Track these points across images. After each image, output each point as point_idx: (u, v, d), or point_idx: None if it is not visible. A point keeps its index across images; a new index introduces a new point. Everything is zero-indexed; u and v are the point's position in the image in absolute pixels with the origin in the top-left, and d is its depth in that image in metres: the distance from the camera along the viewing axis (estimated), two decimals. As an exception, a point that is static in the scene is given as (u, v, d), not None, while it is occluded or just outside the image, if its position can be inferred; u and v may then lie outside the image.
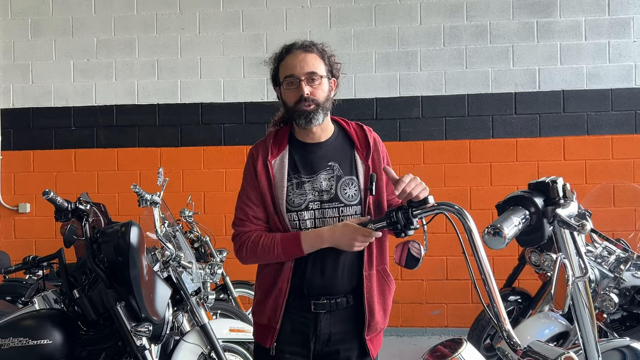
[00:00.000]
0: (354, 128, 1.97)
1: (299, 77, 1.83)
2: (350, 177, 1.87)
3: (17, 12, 5.02)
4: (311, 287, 1.84)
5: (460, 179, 4.74)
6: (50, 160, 4.98)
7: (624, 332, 2.64)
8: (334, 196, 1.84)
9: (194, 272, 2.88)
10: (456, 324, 4.75)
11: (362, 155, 1.90)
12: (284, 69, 1.87)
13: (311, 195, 1.84)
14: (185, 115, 4.93)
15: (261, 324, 1.92)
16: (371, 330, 1.87)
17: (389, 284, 1.93)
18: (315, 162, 1.88)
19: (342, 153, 1.91)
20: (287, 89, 1.86)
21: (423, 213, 1.63)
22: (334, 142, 1.93)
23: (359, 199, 1.85)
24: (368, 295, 1.85)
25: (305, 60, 1.84)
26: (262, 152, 1.91)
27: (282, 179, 1.85)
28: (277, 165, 1.88)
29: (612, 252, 2.68)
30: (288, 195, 1.84)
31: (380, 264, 1.91)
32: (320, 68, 1.86)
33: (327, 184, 1.85)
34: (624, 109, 4.71)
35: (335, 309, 1.84)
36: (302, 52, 1.86)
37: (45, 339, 1.85)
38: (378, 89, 4.83)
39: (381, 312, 1.89)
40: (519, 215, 1.21)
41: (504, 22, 4.79)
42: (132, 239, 1.91)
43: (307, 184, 1.85)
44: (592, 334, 1.25)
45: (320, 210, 1.84)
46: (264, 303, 1.89)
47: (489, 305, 1.33)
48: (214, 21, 4.92)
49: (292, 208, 1.83)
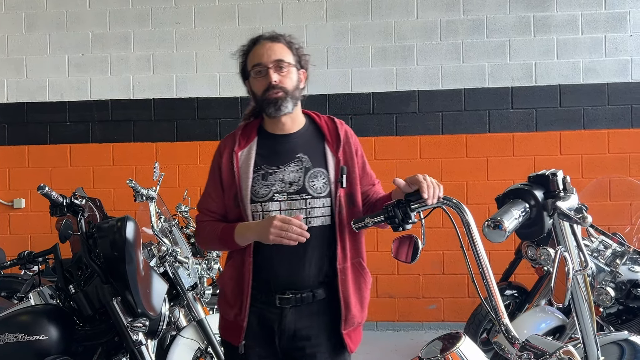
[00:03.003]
0: (325, 121, 1.96)
1: (267, 65, 1.82)
2: (319, 169, 1.85)
3: (11, 6, 4.98)
4: (277, 281, 1.82)
5: (456, 173, 4.74)
6: (45, 156, 4.95)
7: (620, 325, 2.65)
8: (302, 188, 1.82)
9: (191, 267, 2.87)
10: (453, 319, 4.76)
11: (332, 147, 1.88)
12: (252, 59, 1.88)
13: (277, 187, 1.82)
14: (181, 110, 4.91)
15: (228, 319, 1.90)
16: (348, 324, 1.84)
17: (365, 277, 1.90)
18: (284, 154, 1.87)
19: (311, 145, 1.89)
20: (255, 77, 1.86)
21: (421, 207, 1.63)
22: (303, 134, 1.92)
23: (328, 191, 1.83)
24: (343, 289, 1.82)
25: (272, 49, 1.85)
26: (230, 144, 1.91)
27: (248, 170, 1.84)
28: (243, 156, 1.87)
29: (609, 246, 2.69)
30: (253, 186, 1.83)
31: (356, 257, 1.88)
32: (288, 57, 1.86)
33: (295, 175, 1.83)
34: (620, 103, 4.71)
35: (300, 303, 1.82)
36: (269, 41, 1.87)
37: (41, 335, 1.83)
38: (374, 83, 4.82)
39: (358, 305, 1.86)
40: (518, 208, 1.21)
41: (501, 16, 4.79)
42: (128, 234, 1.90)
43: (274, 175, 1.84)
44: (592, 327, 1.25)
45: (287, 201, 1.82)
46: (229, 299, 1.88)
47: (487, 299, 1.33)
48: (209, 15, 4.89)
49: (257, 199, 1.82)
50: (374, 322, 4.82)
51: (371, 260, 5.05)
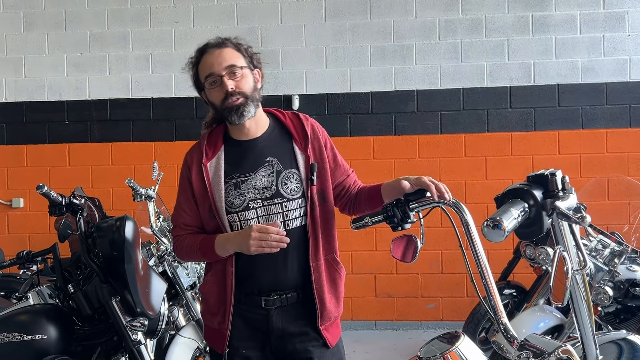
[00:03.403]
0: (290, 118, 1.93)
1: (220, 74, 1.79)
2: (290, 171, 1.83)
3: (9, 5, 4.97)
4: (261, 284, 1.81)
5: (455, 173, 4.74)
6: (43, 155, 4.94)
7: (618, 324, 2.66)
8: (276, 192, 1.80)
9: (189, 267, 2.88)
10: (451, 318, 4.76)
11: (300, 146, 1.86)
12: (203, 69, 1.85)
13: (251, 194, 1.80)
14: (180, 110, 4.90)
15: (212, 327, 1.89)
16: (324, 319, 1.83)
17: (339, 271, 1.90)
18: (253, 160, 1.84)
19: (279, 146, 1.86)
20: (210, 88, 1.83)
21: (420, 206, 1.63)
22: (270, 136, 1.89)
23: (302, 191, 1.82)
24: (317, 286, 1.81)
25: (221, 56, 1.82)
26: (197, 156, 1.88)
27: (219, 181, 1.81)
28: (212, 167, 1.84)
29: (607, 246, 2.70)
30: (227, 197, 1.80)
31: (329, 253, 1.87)
32: (239, 60, 1.84)
33: (267, 180, 1.81)
34: (618, 102, 4.72)
35: (286, 303, 1.81)
36: (217, 48, 1.84)
37: (40, 334, 1.83)
38: (373, 83, 4.82)
39: (333, 300, 1.85)
40: (518, 207, 1.21)
41: (499, 15, 4.79)
42: (127, 233, 1.90)
43: (246, 182, 1.81)
44: (590, 326, 1.25)
45: (263, 207, 1.80)
46: (212, 308, 1.87)
47: (486, 298, 1.33)
48: (208, 14, 4.89)
49: (232, 209, 1.80)
50: (372, 321, 4.82)
51: (370, 259, 5.09)
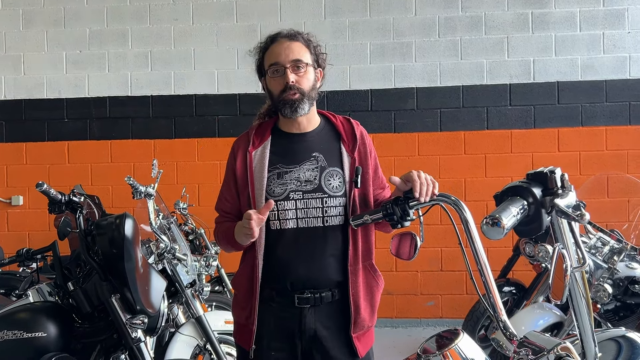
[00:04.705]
0: (341, 121, 1.94)
1: (284, 65, 1.80)
2: (334, 169, 1.83)
3: (8, 2, 4.96)
4: (295, 281, 1.79)
5: (454, 170, 4.74)
6: (43, 153, 4.94)
7: (618, 322, 2.66)
8: (318, 186, 1.80)
9: (189, 265, 2.87)
10: (451, 315, 4.76)
11: (348, 147, 1.86)
12: (269, 57, 1.85)
13: (293, 185, 1.80)
14: (179, 107, 4.90)
15: (240, 322, 1.89)
16: (357, 327, 1.81)
17: (377, 280, 1.88)
18: (299, 153, 1.85)
19: (327, 144, 1.87)
20: (272, 77, 1.84)
21: (419, 204, 1.63)
22: (319, 133, 1.90)
23: (344, 190, 1.81)
24: (354, 291, 1.79)
25: (290, 48, 1.82)
26: (243, 144, 1.89)
27: (263, 170, 1.82)
28: (258, 156, 1.85)
29: (606, 243, 2.70)
30: (269, 185, 1.81)
31: (367, 259, 1.86)
32: (306, 56, 1.84)
33: (310, 174, 1.81)
34: (618, 100, 4.72)
35: (320, 303, 1.78)
36: (287, 40, 1.84)
37: (39, 332, 1.83)
38: (373, 80, 4.81)
39: (368, 308, 1.84)
40: (517, 205, 1.21)
41: (499, 13, 4.78)
42: (126, 231, 1.89)
43: (289, 174, 1.82)
44: (589, 324, 1.25)
45: (303, 200, 1.79)
46: (241, 302, 1.87)
47: (485, 295, 1.33)
48: (207, 12, 4.88)
49: (273, 198, 1.79)
50: (372, 318, 4.83)
51: (369, 257, 5.05)
